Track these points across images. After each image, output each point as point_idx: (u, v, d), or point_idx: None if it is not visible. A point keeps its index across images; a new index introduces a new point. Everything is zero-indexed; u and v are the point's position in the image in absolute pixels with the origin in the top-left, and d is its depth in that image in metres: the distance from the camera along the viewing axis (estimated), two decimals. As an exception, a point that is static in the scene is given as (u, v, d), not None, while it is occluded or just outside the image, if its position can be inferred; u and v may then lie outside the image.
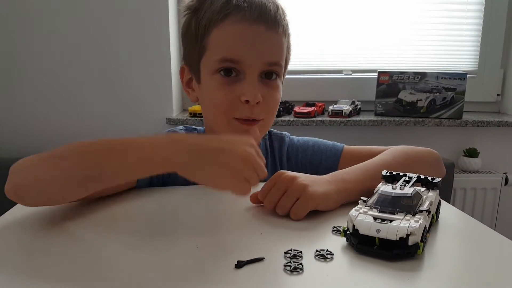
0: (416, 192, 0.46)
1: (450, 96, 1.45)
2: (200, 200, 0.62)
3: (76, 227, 0.51)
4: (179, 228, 0.51)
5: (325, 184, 0.55)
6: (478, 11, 1.56)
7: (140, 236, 0.48)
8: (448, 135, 1.56)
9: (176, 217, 0.55)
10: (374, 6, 1.56)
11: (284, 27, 0.65)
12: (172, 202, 0.62)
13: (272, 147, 0.79)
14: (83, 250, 0.45)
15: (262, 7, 0.62)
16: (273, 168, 0.77)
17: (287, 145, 0.80)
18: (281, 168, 0.77)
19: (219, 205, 0.59)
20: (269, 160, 0.77)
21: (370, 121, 1.44)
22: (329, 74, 1.61)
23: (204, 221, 0.53)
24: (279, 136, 0.81)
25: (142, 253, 0.43)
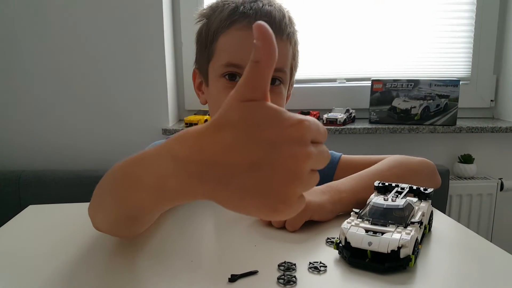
0: (408, 204, 0.47)
1: (444, 103, 1.46)
2: (195, 211, 0.62)
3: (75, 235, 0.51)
4: (173, 241, 0.51)
5: (320, 194, 0.56)
6: (469, 18, 1.58)
7: (134, 249, 0.48)
8: (442, 142, 1.57)
9: (170, 229, 0.55)
10: (367, 15, 1.58)
11: (289, 34, 0.67)
12: (166, 214, 0.62)
13: None
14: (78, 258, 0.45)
15: (267, 15, 0.64)
16: None
17: None
18: None
19: (214, 215, 0.60)
20: None
21: (364, 129, 1.44)
22: (323, 83, 1.62)
23: (198, 232, 0.53)
24: None
25: (136, 266, 0.44)
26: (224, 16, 0.65)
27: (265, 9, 0.65)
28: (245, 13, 0.64)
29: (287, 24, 0.66)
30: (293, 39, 0.69)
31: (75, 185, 1.35)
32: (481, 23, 1.58)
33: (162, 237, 0.53)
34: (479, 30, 1.58)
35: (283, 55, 0.66)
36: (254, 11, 0.64)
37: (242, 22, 0.64)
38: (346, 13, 1.57)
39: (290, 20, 0.68)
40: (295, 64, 0.72)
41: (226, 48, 0.65)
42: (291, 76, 0.72)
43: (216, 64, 0.67)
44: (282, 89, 0.68)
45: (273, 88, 0.67)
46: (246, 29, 0.63)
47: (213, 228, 0.56)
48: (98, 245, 0.50)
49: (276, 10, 0.66)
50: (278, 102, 0.68)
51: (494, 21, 1.58)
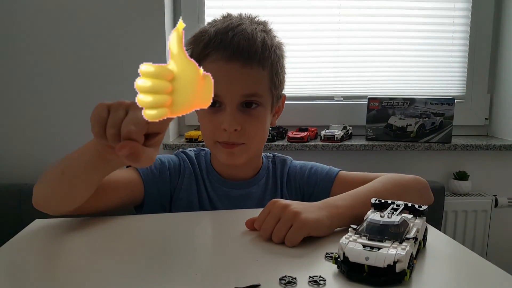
0: (403, 220, 0.49)
1: (439, 121, 1.49)
2: (199, 226, 0.64)
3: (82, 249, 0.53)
4: (178, 255, 0.53)
5: (317, 210, 0.58)
6: (464, 38, 1.63)
7: (138, 262, 0.50)
8: (438, 159, 1.60)
9: (174, 244, 0.57)
10: (364, 35, 1.62)
11: (261, 59, 0.71)
12: (170, 228, 0.64)
13: (275, 168, 0.85)
14: (85, 271, 0.46)
15: (238, 46, 0.69)
16: (273, 187, 0.83)
17: (289, 167, 0.85)
18: (281, 187, 0.83)
19: (218, 231, 0.62)
20: (270, 180, 0.84)
21: (361, 146, 1.47)
22: (320, 100, 1.66)
23: (202, 247, 0.55)
24: (282, 158, 0.87)
25: (141, 279, 0.45)
26: (199, 50, 0.72)
27: (233, 41, 0.69)
28: (216, 47, 0.69)
29: (258, 50, 0.71)
30: (267, 61, 0.73)
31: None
32: (475, 43, 1.63)
33: (166, 251, 0.54)
34: (473, 49, 1.63)
35: (256, 81, 0.72)
36: (224, 44, 0.69)
37: (214, 55, 0.70)
38: (343, 32, 1.62)
39: (264, 44, 0.72)
40: (278, 81, 0.76)
41: None
42: (275, 93, 0.76)
43: None
44: (259, 111, 0.73)
45: (250, 111, 0.73)
46: (218, 60, 0.69)
47: (216, 242, 0.58)
48: (104, 259, 0.52)
49: (247, 38, 0.70)
50: (254, 123, 0.73)
51: (487, 41, 1.63)
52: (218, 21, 0.75)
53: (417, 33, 1.63)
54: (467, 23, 1.62)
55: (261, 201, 0.81)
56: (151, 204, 0.76)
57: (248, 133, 0.72)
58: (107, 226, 0.65)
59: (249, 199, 0.80)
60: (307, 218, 0.55)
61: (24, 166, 1.52)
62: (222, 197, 0.80)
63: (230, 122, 0.69)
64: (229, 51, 0.69)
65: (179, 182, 0.80)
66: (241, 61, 0.69)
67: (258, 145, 0.77)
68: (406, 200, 0.56)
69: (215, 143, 0.74)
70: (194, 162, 0.82)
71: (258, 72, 0.72)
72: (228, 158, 0.74)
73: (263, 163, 0.85)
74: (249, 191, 0.81)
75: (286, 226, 0.54)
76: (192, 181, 0.80)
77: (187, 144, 1.48)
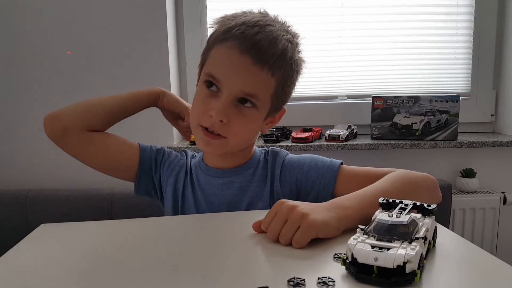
0: (412, 220, 0.48)
1: (444, 119, 1.48)
2: (205, 228, 0.64)
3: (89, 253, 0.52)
4: (184, 257, 0.52)
5: (324, 211, 0.57)
6: (467, 35, 1.62)
7: (145, 265, 0.49)
8: (444, 157, 1.59)
9: (180, 246, 0.57)
10: (367, 33, 1.61)
11: (274, 66, 0.70)
12: (177, 231, 0.63)
13: (266, 160, 0.83)
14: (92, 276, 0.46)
15: (257, 43, 0.68)
16: (262, 179, 0.81)
17: (283, 159, 0.82)
18: (272, 180, 0.80)
19: (224, 233, 0.61)
20: (259, 171, 0.81)
21: (366, 145, 1.46)
22: (324, 100, 1.65)
23: (209, 249, 0.55)
24: (275, 151, 0.85)
25: (147, 282, 0.45)
26: (221, 31, 0.71)
27: (255, 37, 0.68)
28: (237, 35, 0.69)
29: (275, 56, 0.69)
30: (279, 70, 0.71)
31: (81, 204, 1.37)
32: (479, 39, 1.61)
33: (172, 253, 0.54)
34: (477, 45, 1.62)
35: (259, 83, 0.70)
36: (243, 36, 0.68)
37: (231, 42, 0.69)
38: (345, 31, 1.61)
39: (284, 53, 0.71)
40: (282, 94, 0.75)
41: (213, 59, 0.72)
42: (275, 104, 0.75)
43: (204, 70, 0.74)
44: (252, 113, 0.72)
45: (243, 108, 0.72)
46: (233, 48, 0.69)
47: (223, 244, 0.57)
48: (111, 263, 0.51)
49: (269, 39, 0.69)
50: (242, 121, 0.72)
51: (492, 37, 1.61)
52: (252, 14, 0.74)
53: (420, 31, 1.62)
54: (471, 20, 1.60)
55: (244, 191, 0.79)
56: (143, 178, 0.84)
57: (231, 129, 0.71)
58: (113, 230, 0.65)
59: (231, 188, 0.79)
60: (314, 219, 0.54)
61: (29, 173, 1.53)
62: (205, 185, 0.81)
63: (219, 111, 0.69)
64: (246, 43, 0.68)
65: (170, 169, 0.84)
66: (254, 58, 0.68)
67: (238, 143, 0.76)
68: (415, 199, 0.55)
69: (198, 126, 0.73)
70: (189, 159, 0.86)
71: (266, 76, 0.70)
72: (205, 146, 0.74)
73: (254, 155, 0.83)
74: (232, 179, 0.80)
75: (293, 228, 0.54)
76: (182, 171, 0.84)
77: (191, 147, 1.48)
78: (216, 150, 0.75)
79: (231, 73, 0.69)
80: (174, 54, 1.55)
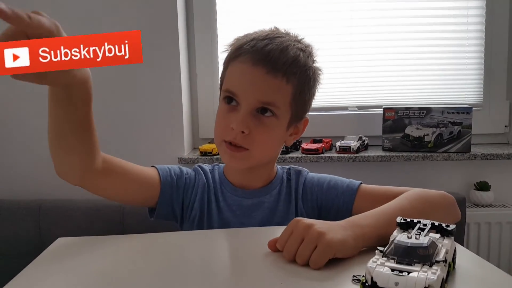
0: (431, 242, 0.47)
1: (457, 130, 1.46)
2: (218, 244, 0.63)
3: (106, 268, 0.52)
4: (198, 276, 0.52)
5: (342, 230, 0.56)
6: (479, 45, 1.60)
7: (159, 282, 0.49)
8: (457, 169, 1.56)
9: (194, 264, 0.56)
10: (377, 44, 1.61)
11: (288, 72, 0.72)
12: (193, 247, 0.63)
13: (289, 179, 0.84)
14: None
15: (268, 53, 0.71)
16: (287, 198, 0.82)
17: (304, 178, 0.84)
18: (296, 199, 0.81)
19: (238, 250, 0.61)
20: (284, 190, 0.82)
21: (378, 157, 1.45)
22: (334, 111, 1.64)
23: (225, 268, 0.54)
24: (297, 169, 0.86)
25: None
26: (233, 50, 0.75)
27: (265, 48, 0.71)
28: (248, 50, 0.72)
29: (287, 63, 0.71)
30: (294, 77, 0.73)
31: (94, 214, 1.37)
32: (491, 48, 1.59)
33: (186, 271, 0.53)
34: (489, 55, 1.60)
35: (275, 90, 0.72)
36: (254, 49, 0.72)
37: (244, 57, 0.72)
38: (356, 41, 1.61)
39: (296, 60, 0.73)
40: (301, 101, 0.76)
41: (230, 76, 0.75)
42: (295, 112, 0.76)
43: (222, 89, 0.76)
44: (272, 122, 0.73)
45: (263, 118, 0.73)
46: (246, 62, 0.72)
47: (237, 263, 0.57)
48: (129, 279, 0.51)
49: (279, 49, 0.71)
50: (263, 131, 0.73)
51: (504, 46, 1.59)
52: (262, 31, 0.77)
53: (430, 41, 1.61)
54: (482, 29, 1.59)
55: (274, 211, 0.80)
56: (164, 207, 0.79)
57: (254, 139, 0.72)
58: (131, 245, 0.65)
59: (261, 208, 0.80)
60: (332, 239, 0.54)
61: (43, 182, 1.53)
62: (233, 206, 0.80)
63: (239, 123, 0.71)
64: (258, 55, 0.71)
65: (194, 193, 0.81)
66: (267, 68, 0.70)
67: (261, 154, 0.76)
68: (433, 218, 0.54)
69: (221, 142, 0.75)
70: (208, 175, 0.84)
71: (281, 83, 0.72)
72: (230, 160, 0.75)
73: (277, 173, 0.84)
74: (261, 200, 0.80)
75: (310, 247, 0.53)
76: (205, 192, 0.82)
77: (202, 157, 1.48)
78: (241, 163, 0.75)
79: (246, 85, 0.72)
80: (185, 66, 1.56)
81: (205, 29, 1.59)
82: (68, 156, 0.66)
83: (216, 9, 1.58)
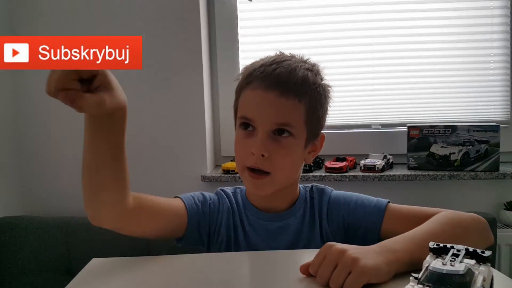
0: (468, 269, 0.46)
1: (484, 149, 1.43)
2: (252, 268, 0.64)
3: None
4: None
5: (375, 255, 0.56)
6: (504, 61, 1.58)
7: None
8: (485, 188, 1.52)
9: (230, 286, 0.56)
10: (399, 61, 1.61)
11: (299, 92, 0.73)
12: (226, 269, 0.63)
13: (312, 198, 0.83)
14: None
15: (277, 76, 0.73)
16: (311, 219, 0.81)
17: (328, 197, 0.83)
18: (320, 220, 0.81)
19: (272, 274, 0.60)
20: (308, 211, 0.82)
21: (404, 176, 1.43)
22: (357, 129, 1.63)
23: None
24: (320, 188, 0.85)
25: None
26: (243, 78, 0.78)
27: (274, 72, 0.73)
28: (258, 76, 0.74)
29: (298, 83, 0.73)
30: (305, 96, 0.74)
31: (119, 232, 1.39)
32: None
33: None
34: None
35: (289, 111, 0.73)
36: (264, 75, 0.74)
37: (254, 83, 0.75)
38: (378, 59, 1.61)
39: (305, 80, 0.74)
40: (315, 118, 0.77)
41: (243, 103, 0.77)
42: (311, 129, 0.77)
43: (237, 116, 0.78)
44: (290, 142, 0.74)
45: (281, 139, 0.74)
46: (257, 88, 0.74)
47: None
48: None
49: (288, 71, 0.73)
50: (283, 152, 0.74)
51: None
52: (268, 56, 0.79)
53: (455, 58, 1.60)
54: (507, 46, 1.57)
55: (299, 233, 0.80)
56: (191, 235, 0.79)
57: (275, 162, 0.73)
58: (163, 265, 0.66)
59: (287, 231, 0.79)
60: (366, 265, 0.53)
61: (71, 200, 1.55)
62: (259, 230, 0.80)
63: (259, 146, 0.72)
64: (268, 80, 0.73)
65: (219, 218, 0.81)
66: (278, 90, 0.72)
67: (284, 177, 0.77)
68: (466, 243, 0.53)
69: (244, 169, 0.76)
70: (231, 199, 0.84)
71: (294, 103, 0.73)
72: (253, 188, 0.76)
73: (300, 194, 0.84)
74: (287, 223, 0.80)
75: (344, 273, 0.53)
76: (230, 216, 0.81)
77: (224, 175, 1.50)
78: (265, 190, 0.76)
79: (261, 109, 0.73)
80: (208, 85, 1.59)
81: (227, 50, 1.62)
82: (103, 193, 0.65)
83: (238, 31, 1.61)
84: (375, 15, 1.58)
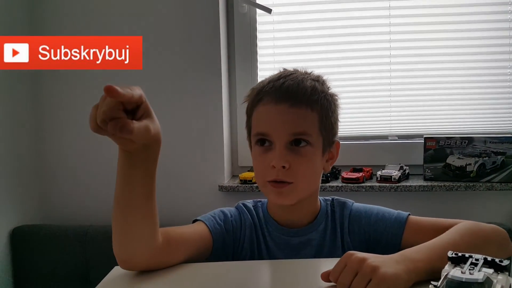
0: (487, 277, 0.48)
1: (500, 160, 1.44)
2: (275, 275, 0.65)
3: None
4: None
5: (395, 264, 0.58)
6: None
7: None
8: (502, 199, 1.52)
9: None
10: (416, 73, 1.62)
11: (310, 101, 0.76)
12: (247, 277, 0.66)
13: (333, 211, 0.85)
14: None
15: (285, 90, 0.75)
16: (333, 232, 0.82)
17: (349, 210, 0.84)
18: (342, 233, 0.82)
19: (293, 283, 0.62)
20: (329, 225, 0.83)
21: (420, 187, 1.44)
22: (374, 140, 1.65)
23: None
24: (341, 201, 0.87)
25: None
26: (253, 97, 0.80)
27: (283, 86, 0.76)
28: (267, 91, 0.77)
29: (307, 92, 0.76)
30: (316, 104, 0.77)
31: (139, 240, 1.42)
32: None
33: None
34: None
35: (303, 120, 0.76)
36: (273, 90, 0.76)
37: (265, 99, 0.77)
38: (396, 71, 1.63)
39: (314, 89, 0.77)
40: (328, 124, 0.79)
41: (256, 120, 0.79)
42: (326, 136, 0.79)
43: (252, 134, 0.80)
44: (308, 151, 0.76)
45: (299, 149, 0.76)
46: (268, 103, 0.76)
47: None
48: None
49: (296, 82, 0.76)
50: (302, 161, 0.75)
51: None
52: (274, 74, 0.82)
53: (471, 71, 1.61)
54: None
55: (321, 248, 0.81)
56: (217, 254, 0.79)
57: (296, 172, 0.75)
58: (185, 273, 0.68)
59: (309, 246, 0.81)
60: (386, 273, 0.55)
61: (89, 208, 1.60)
62: (281, 245, 0.81)
63: (278, 159, 0.73)
64: (278, 93, 0.75)
65: (242, 233, 0.83)
66: (290, 102, 0.75)
67: (306, 185, 0.78)
68: (485, 253, 0.55)
69: (265, 183, 0.77)
70: (253, 213, 0.85)
71: (306, 112, 0.76)
72: (277, 198, 0.77)
73: (321, 207, 0.85)
74: (309, 237, 0.81)
75: (364, 281, 0.55)
76: (252, 231, 0.83)
77: (242, 185, 1.52)
78: (288, 199, 0.77)
79: (275, 123, 0.75)
80: (226, 97, 1.63)
81: (246, 61, 1.65)
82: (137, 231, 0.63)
83: (257, 42, 1.64)
84: (392, 27, 1.60)
